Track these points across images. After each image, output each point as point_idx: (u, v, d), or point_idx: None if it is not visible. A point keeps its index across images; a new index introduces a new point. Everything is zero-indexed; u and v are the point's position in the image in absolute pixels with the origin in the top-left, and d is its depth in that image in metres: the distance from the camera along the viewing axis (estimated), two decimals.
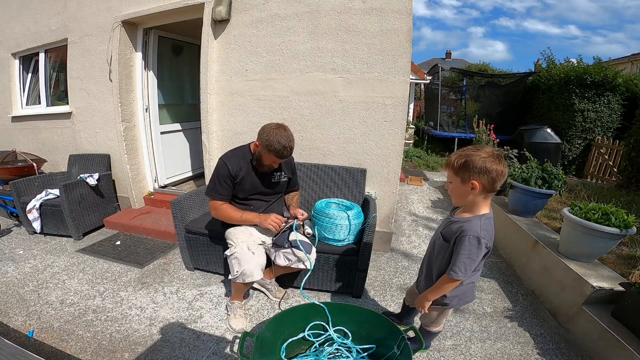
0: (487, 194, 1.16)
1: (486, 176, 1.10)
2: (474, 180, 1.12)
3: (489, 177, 1.10)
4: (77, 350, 1.65)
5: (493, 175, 1.10)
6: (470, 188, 1.14)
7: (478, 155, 1.12)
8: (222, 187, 1.79)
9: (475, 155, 1.12)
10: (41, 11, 3.54)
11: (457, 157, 1.17)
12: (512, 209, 2.91)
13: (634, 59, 14.23)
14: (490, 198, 1.20)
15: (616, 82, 5.61)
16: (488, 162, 1.10)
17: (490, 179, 1.11)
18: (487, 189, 1.13)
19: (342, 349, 1.49)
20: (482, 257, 1.17)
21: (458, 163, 1.16)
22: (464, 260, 1.16)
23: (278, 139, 1.66)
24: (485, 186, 1.12)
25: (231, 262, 1.76)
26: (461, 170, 1.15)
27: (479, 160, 1.11)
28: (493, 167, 1.10)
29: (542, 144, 5.08)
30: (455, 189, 1.21)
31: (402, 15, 2.33)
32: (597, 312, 1.71)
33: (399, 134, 2.54)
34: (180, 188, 3.88)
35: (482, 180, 1.11)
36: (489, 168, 1.10)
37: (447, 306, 1.38)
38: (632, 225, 1.81)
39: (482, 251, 1.15)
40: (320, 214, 2.09)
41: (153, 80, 3.50)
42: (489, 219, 1.19)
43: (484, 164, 1.10)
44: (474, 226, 1.16)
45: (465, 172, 1.14)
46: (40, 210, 2.94)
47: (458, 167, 1.16)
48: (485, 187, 1.12)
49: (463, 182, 1.16)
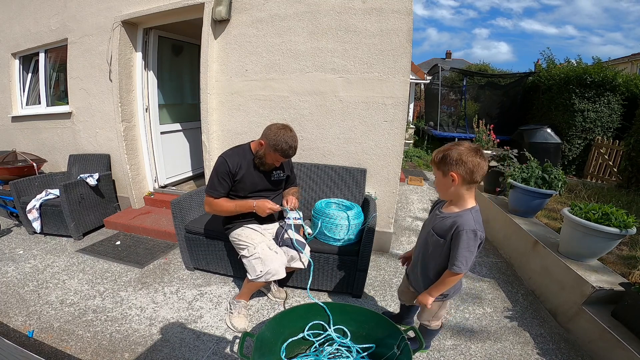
0: (468, 185, 1.22)
1: (463, 167, 1.17)
2: (452, 172, 1.19)
3: (466, 168, 1.17)
4: (77, 350, 1.65)
5: (470, 167, 1.16)
6: (451, 180, 1.20)
7: (455, 149, 1.20)
8: (220, 184, 1.80)
9: (453, 150, 1.20)
10: (41, 11, 3.54)
11: (437, 152, 1.26)
12: (512, 209, 2.91)
13: (634, 59, 14.23)
14: (474, 190, 1.26)
15: (616, 82, 5.61)
16: (464, 154, 1.17)
17: (468, 170, 1.17)
18: (466, 180, 1.19)
19: (342, 349, 1.49)
20: (477, 248, 1.23)
21: (438, 158, 1.24)
22: (465, 254, 1.20)
23: (285, 139, 1.70)
24: (464, 177, 1.18)
25: (251, 263, 1.77)
26: (441, 164, 1.23)
27: (456, 154, 1.18)
28: (469, 159, 1.16)
29: (542, 144, 5.08)
30: (439, 183, 1.28)
31: (402, 15, 2.33)
32: (597, 312, 1.71)
33: (399, 134, 2.54)
34: (180, 188, 3.88)
35: (460, 172, 1.18)
36: (465, 160, 1.17)
37: (447, 297, 1.42)
38: (632, 226, 1.81)
39: (478, 242, 1.21)
40: (320, 214, 2.09)
41: (153, 80, 3.50)
42: (477, 211, 1.25)
43: (460, 157, 1.17)
44: (468, 220, 1.21)
45: (444, 166, 1.22)
46: (40, 210, 2.94)
47: (438, 161, 1.24)
48: (464, 178, 1.19)
49: (444, 175, 1.23)
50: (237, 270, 2.23)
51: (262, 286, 1.97)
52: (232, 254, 2.15)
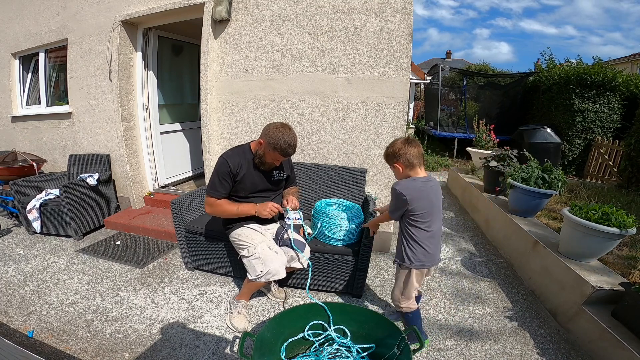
0: (411, 168, 1.53)
1: (401, 157, 1.52)
2: (395, 163, 1.55)
3: (403, 157, 1.52)
4: (77, 350, 1.65)
5: (405, 156, 1.51)
6: (398, 170, 1.55)
7: (392, 146, 1.57)
8: (221, 184, 1.80)
9: (390, 147, 1.58)
10: (41, 11, 3.54)
11: (384, 152, 1.62)
12: (512, 209, 2.91)
13: (634, 59, 14.24)
14: (417, 167, 1.54)
15: (616, 82, 5.62)
16: (398, 148, 1.53)
17: (405, 159, 1.51)
18: (407, 165, 1.52)
19: (342, 349, 1.49)
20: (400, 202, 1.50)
21: (385, 155, 1.62)
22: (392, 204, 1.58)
23: (284, 138, 1.70)
24: (405, 164, 1.52)
25: (251, 263, 1.77)
26: (388, 159, 1.61)
27: (391, 150, 1.56)
28: (402, 150, 1.51)
29: (542, 144, 5.07)
30: (394, 174, 1.62)
31: (402, 15, 2.33)
32: (597, 312, 1.71)
33: (399, 134, 2.53)
34: (180, 188, 3.88)
35: (401, 161, 1.52)
36: (399, 152, 1.52)
37: (407, 265, 1.56)
38: (632, 226, 1.81)
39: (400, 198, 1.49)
40: (320, 214, 2.09)
41: (153, 80, 3.50)
42: (414, 179, 1.53)
43: (395, 151, 1.54)
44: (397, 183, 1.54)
45: (389, 160, 1.59)
46: (40, 210, 2.94)
47: (385, 158, 1.62)
48: (405, 164, 1.52)
49: (392, 167, 1.59)
50: (237, 270, 2.23)
51: (262, 286, 1.97)
52: (232, 254, 2.15)
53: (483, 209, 3.47)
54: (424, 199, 1.49)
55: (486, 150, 4.58)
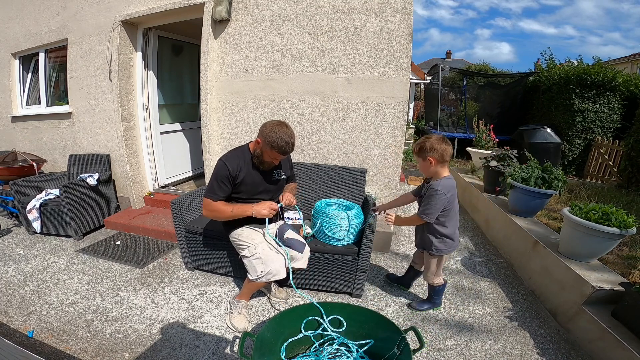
0: (441, 164, 1.69)
1: (436, 152, 1.66)
2: (429, 157, 1.67)
3: (438, 153, 1.65)
4: (77, 350, 1.65)
5: (440, 151, 1.65)
6: (429, 163, 1.68)
7: (428, 140, 1.69)
8: (219, 188, 1.79)
9: (426, 141, 1.69)
10: (41, 11, 3.54)
11: (415, 145, 1.74)
12: (512, 209, 2.91)
13: (634, 59, 14.23)
14: (446, 166, 1.71)
15: (616, 82, 5.61)
16: (435, 143, 1.66)
17: (439, 154, 1.65)
18: (439, 160, 1.67)
19: (342, 349, 1.49)
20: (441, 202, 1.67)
21: (417, 148, 1.73)
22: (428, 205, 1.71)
23: (281, 136, 1.68)
24: (438, 159, 1.66)
25: (252, 263, 1.76)
26: (420, 152, 1.71)
27: (428, 144, 1.67)
28: (438, 146, 1.65)
29: (542, 144, 5.07)
30: (422, 166, 1.75)
31: (402, 15, 2.33)
32: (597, 312, 1.71)
33: (399, 134, 2.54)
34: (180, 188, 3.88)
35: (435, 156, 1.66)
36: (436, 147, 1.65)
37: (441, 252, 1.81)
38: (632, 226, 1.81)
39: (440, 197, 1.65)
40: (320, 213, 2.09)
41: (153, 80, 3.50)
42: (449, 178, 1.71)
43: (432, 145, 1.66)
44: (436, 184, 1.69)
45: (423, 153, 1.70)
46: (40, 210, 2.94)
47: (418, 151, 1.72)
48: (438, 160, 1.66)
49: (424, 160, 1.71)
50: (237, 270, 2.23)
51: (263, 286, 1.97)
52: (232, 254, 2.15)
53: (483, 209, 3.47)
54: (456, 196, 1.73)
55: (486, 150, 4.58)
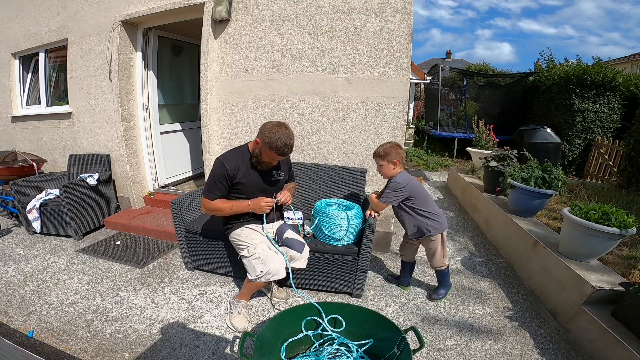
0: (401, 166, 1.96)
1: (399, 155, 1.91)
2: (394, 160, 1.92)
3: (401, 155, 1.92)
4: (77, 350, 1.65)
5: (402, 154, 1.93)
6: (394, 164, 1.92)
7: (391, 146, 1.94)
8: (217, 187, 1.80)
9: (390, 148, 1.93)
10: (41, 11, 3.54)
11: (382, 150, 1.94)
12: (512, 209, 2.91)
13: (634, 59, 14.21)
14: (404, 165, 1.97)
15: (616, 82, 5.61)
16: (397, 148, 1.92)
17: (402, 157, 1.92)
18: (401, 162, 1.94)
19: (342, 349, 1.49)
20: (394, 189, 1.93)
21: (384, 152, 1.93)
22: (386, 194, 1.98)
23: (280, 137, 1.67)
24: (400, 160, 1.93)
25: (251, 263, 1.77)
26: (386, 156, 1.92)
27: (393, 149, 1.92)
28: (401, 150, 1.94)
29: (542, 144, 5.07)
30: (385, 168, 1.96)
31: (402, 15, 2.33)
32: (597, 312, 1.71)
33: (399, 134, 2.54)
34: (180, 188, 3.88)
35: (398, 158, 1.91)
36: (399, 151, 1.92)
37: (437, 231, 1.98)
38: (632, 226, 1.81)
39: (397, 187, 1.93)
40: (320, 213, 2.09)
41: (153, 80, 3.50)
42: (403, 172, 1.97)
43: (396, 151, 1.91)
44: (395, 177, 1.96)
45: (388, 156, 1.92)
46: (40, 210, 2.94)
47: (384, 155, 1.93)
48: (400, 161, 1.93)
49: (390, 162, 1.93)
50: (237, 270, 2.23)
51: (263, 286, 1.97)
52: (232, 254, 2.15)
53: (483, 209, 3.47)
54: (416, 184, 1.97)
55: (486, 150, 4.58)
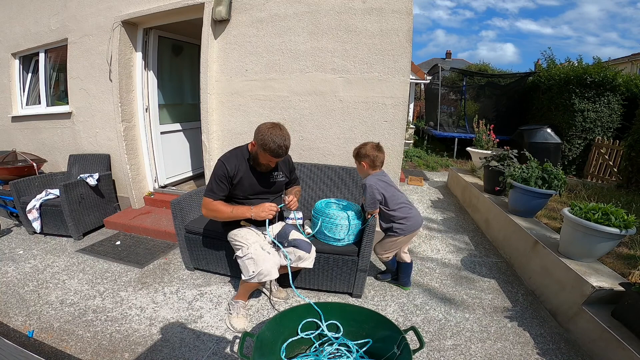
0: (373, 168, 1.98)
1: (368, 158, 1.95)
2: (362, 162, 1.98)
3: (370, 159, 1.95)
4: (77, 350, 1.65)
5: (372, 158, 1.94)
6: (363, 166, 1.99)
7: (364, 147, 1.97)
8: (218, 187, 1.79)
9: (362, 148, 1.98)
10: (41, 11, 3.54)
11: (354, 149, 2.03)
12: (512, 209, 2.91)
13: (634, 59, 14.21)
14: (377, 169, 1.99)
15: (616, 82, 5.61)
16: (368, 150, 1.94)
17: (371, 160, 1.95)
18: (371, 166, 1.97)
19: (342, 349, 1.49)
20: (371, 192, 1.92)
21: (355, 153, 2.02)
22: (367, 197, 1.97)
23: (273, 138, 1.65)
24: (370, 164, 1.96)
25: (244, 263, 1.76)
26: (357, 157, 2.01)
27: (364, 150, 1.96)
28: (371, 153, 1.94)
29: (542, 144, 5.06)
30: (357, 167, 2.07)
31: (402, 15, 2.33)
32: (597, 312, 1.71)
33: (399, 134, 2.54)
34: (181, 188, 3.88)
35: (367, 161, 1.96)
36: (369, 154, 1.94)
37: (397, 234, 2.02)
38: (632, 225, 1.81)
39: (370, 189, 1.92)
40: (320, 213, 2.08)
41: (153, 80, 3.50)
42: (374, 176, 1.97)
43: (366, 152, 1.95)
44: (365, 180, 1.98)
45: (358, 157, 2.00)
46: (40, 210, 2.93)
47: (355, 155, 2.02)
48: (369, 165, 1.96)
49: (359, 164, 2.01)
50: (237, 270, 2.21)
51: (258, 287, 1.96)
52: (231, 254, 2.14)
53: (483, 209, 3.47)
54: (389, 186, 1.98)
55: (486, 150, 4.59)
